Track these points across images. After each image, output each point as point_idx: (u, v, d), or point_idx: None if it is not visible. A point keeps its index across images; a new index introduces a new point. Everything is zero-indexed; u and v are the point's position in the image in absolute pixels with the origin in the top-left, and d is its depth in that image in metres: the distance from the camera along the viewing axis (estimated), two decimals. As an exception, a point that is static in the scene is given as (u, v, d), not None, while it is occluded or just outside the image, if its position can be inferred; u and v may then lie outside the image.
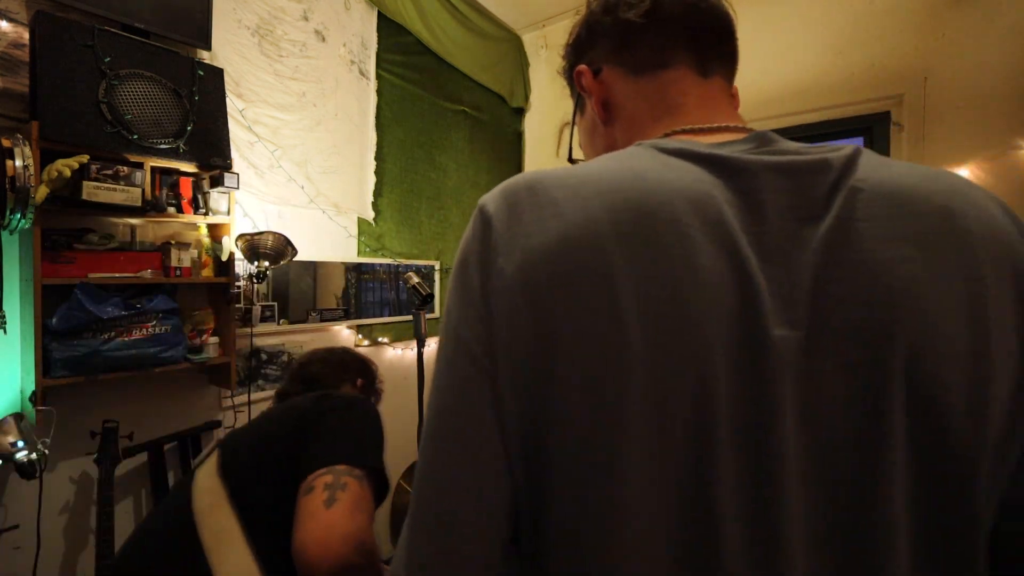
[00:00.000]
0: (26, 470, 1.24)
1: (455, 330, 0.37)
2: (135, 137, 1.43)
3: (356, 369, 1.28)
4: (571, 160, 0.55)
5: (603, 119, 0.50)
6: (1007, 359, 0.33)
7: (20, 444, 1.25)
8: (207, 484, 0.77)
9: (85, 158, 1.33)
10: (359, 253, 2.36)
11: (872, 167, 0.37)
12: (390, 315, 2.52)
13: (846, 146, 0.39)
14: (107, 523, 1.36)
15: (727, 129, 0.43)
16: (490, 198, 0.39)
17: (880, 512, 0.33)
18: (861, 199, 0.35)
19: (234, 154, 1.74)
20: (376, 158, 2.43)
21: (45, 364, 1.32)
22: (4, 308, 1.32)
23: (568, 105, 0.60)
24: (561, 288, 0.34)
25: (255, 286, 1.88)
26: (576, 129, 0.57)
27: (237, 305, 1.82)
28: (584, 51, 0.51)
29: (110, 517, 1.38)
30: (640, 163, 0.38)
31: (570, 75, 0.53)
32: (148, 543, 0.77)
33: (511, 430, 0.36)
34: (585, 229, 0.34)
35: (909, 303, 0.33)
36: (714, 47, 0.47)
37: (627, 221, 0.34)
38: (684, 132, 0.44)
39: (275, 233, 1.78)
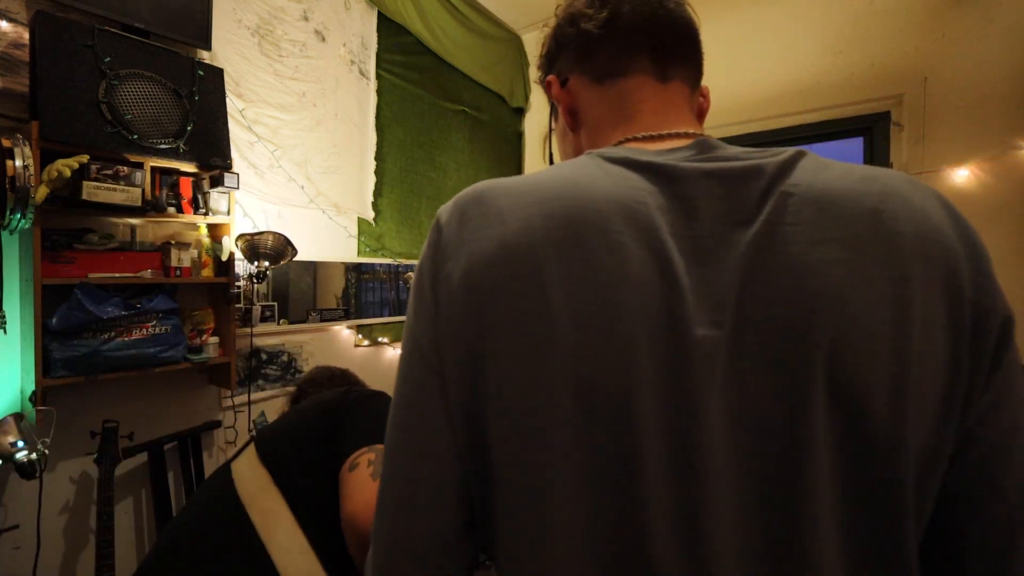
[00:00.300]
0: (26, 470, 1.24)
1: (411, 330, 0.41)
2: (135, 137, 1.43)
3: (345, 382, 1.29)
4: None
5: (571, 126, 0.53)
6: (935, 357, 0.34)
7: (20, 444, 1.25)
8: (250, 472, 0.80)
9: (85, 158, 1.33)
10: (359, 253, 2.36)
11: (809, 171, 0.38)
12: (390, 315, 2.52)
13: (786, 151, 0.40)
14: (107, 523, 1.37)
15: (676, 136, 0.45)
16: (444, 208, 0.42)
17: (808, 508, 0.33)
18: (791, 203, 0.36)
19: (234, 154, 1.74)
20: (376, 158, 2.43)
21: (45, 364, 1.32)
22: (4, 308, 1.32)
23: None
24: (499, 291, 0.36)
25: (255, 286, 1.88)
26: (554, 136, 0.60)
27: (237, 305, 1.82)
28: (553, 62, 0.53)
29: (110, 517, 1.38)
30: (582, 172, 0.40)
31: (543, 84, 0.56)
32: (194, 526, 0.78)
33: (458, 420, 0.39)
34: (522, 236, 0.37)
35: (831, 304, 0.34)
36: (673, 53, 0.48)
37: (560, 227, 0.36)
38: (635, 140, 0.46)
39: (275, 233, 1.78)
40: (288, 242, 1.80)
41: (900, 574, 0.34)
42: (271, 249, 1.77)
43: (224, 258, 1.68)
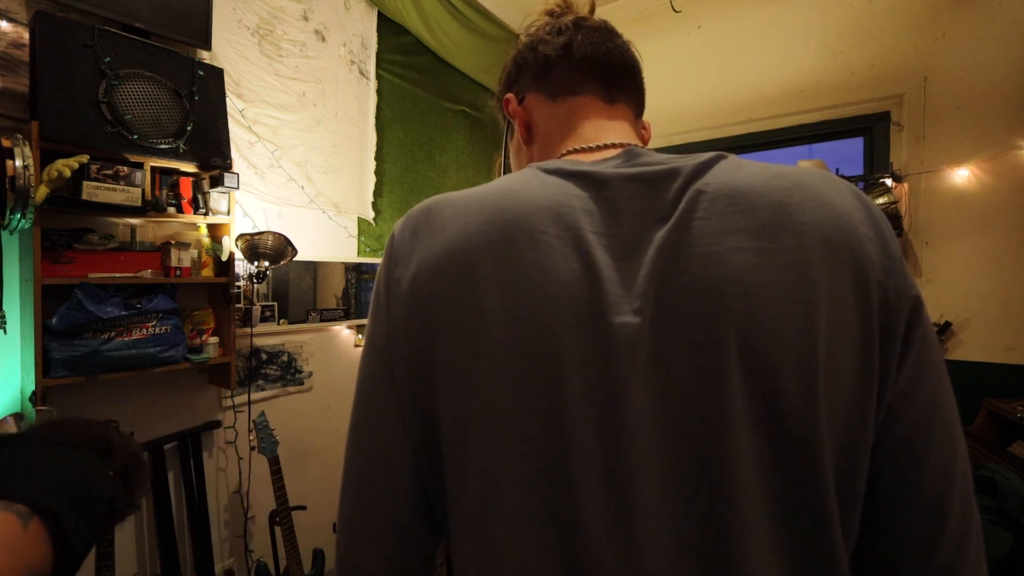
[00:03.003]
0: (26, 470, 1.24)
1: (368, 331, 0.46)
2: (135, 137, 1.43)
3: (99, 451, 0.98)
4: None
5: (525, 140, 0.57)
6: (844, 336, 0.36)
7: (20, 444, 1.25)
8: None
9: (85, 158, 1.33)
10: (359, 253, 2.37)
11: (725, 171, 0.41)
12: (390, 315, 2.51)
13: (705, 154, 0.43)
14: (107, 523, 1.36)
15: (610, 147, 0.49)
16: (398, 222, 0.47)
17: (733, 489, 0.35)
18: (703, 200, 0.39)
19: (234, 154, 1.74)
20: (376, 158, 2.43)
21: (45, 364, 1.32)
22: (4, 308, 1.32)
23: None
24: (439, 293, 0.41)
25: (255, 286, 1.88)
26: (507, 153, 0.66)
27: (237, 305, 1.82)
28: (513, 83, 0.58)
29: (110, 517, 1.37)
30: (519, 182, 0.44)
31: (500, 105, 0.61)
32: None
33: (410, 412, 0.43)
34: (461, 241, 0.41)
35: (739, 288, 0.36)
36: (619, 81, 0.53)
37: (493, 231, 0.40)
38: (575, 152, 0.50)
39: (275, 233, 1.78)
40: (288, 242, 1.80)
41: (828, 550, 0.36)
42: (271, 249, 1.77)
43: (224, 258, 1.68)
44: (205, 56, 1.73)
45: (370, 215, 2.40)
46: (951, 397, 0.39)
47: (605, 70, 0.52)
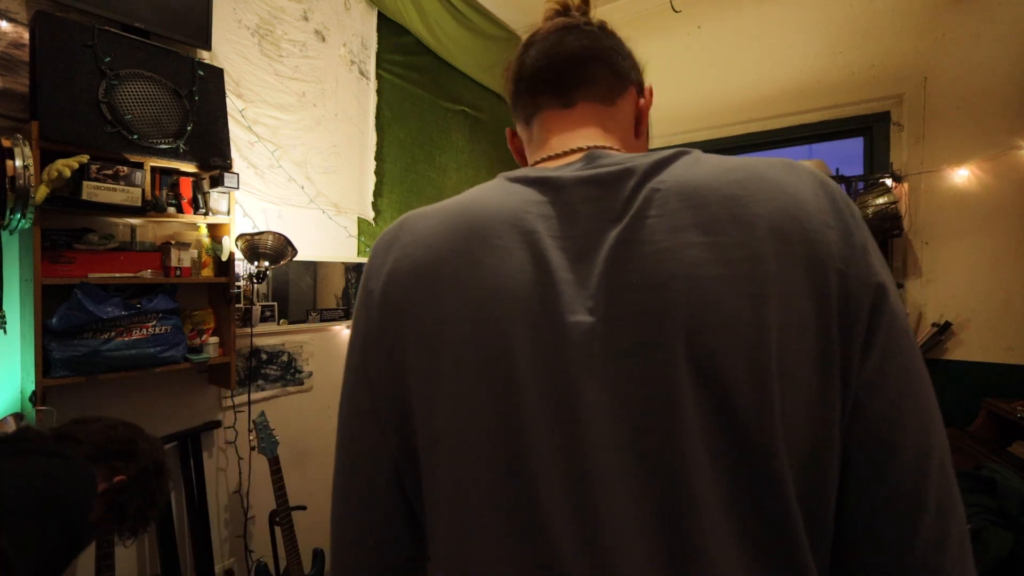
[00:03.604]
0: (26, 470, 1.24)
1: (349, 342, 0.49)
2: (135, 137, 1.43)
3: (120, 453, 0.97)
4: None
5: (521, 165, 0.60)
6: (799, 328, 0.36)
7: (20, 444, 1.25)
8: None
9: (85, 158, 1.33)
10: (359, 253, 2.37)
11: (681, 168, 0.41)
12: (390, 315, 2.51)
13: (663, 151, 0.43)
14: (107, 523, 1.36)
15: (574, 152, 0.49)
16: (377, 238, 0.50)
17: (691, 487, 0.35)
18: (657, 198, 0.40)
19: (234, 154, 1.74)
20: (376, 158, 2.43)
21: (45, 364, 1.32)
22: (4, 308, 1.32)
23: None
24: (406, 300, 0.43)
25: (255, 286, 1.88)
26: None
27: (237, 305, 1.82)
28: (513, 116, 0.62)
29: (110, 517, 1.37)
30: (484, 191, 0.46)
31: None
32: None
33: (387, 417, 0.45)
34: (425, 251, 0.44)
35: (687, 284, 0.36)
36: (574, 80, 0.52)
37: (454, 239, 0.43)
38: (541, 161, 0.52)
39: (275, 233, 1.78)
40: (288, 242, 1.80)
41: (790, 547, 0.35)
42: (271, 249, 1.77)
43: (224, 258, 1.68)
44: (205, 56, 1.73)
45: (370, 215, 2.40)
46: (926, 385, 0.38)
47: (557, 76, 0.52)
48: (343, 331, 2.30)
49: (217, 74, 1.67)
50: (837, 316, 0.36)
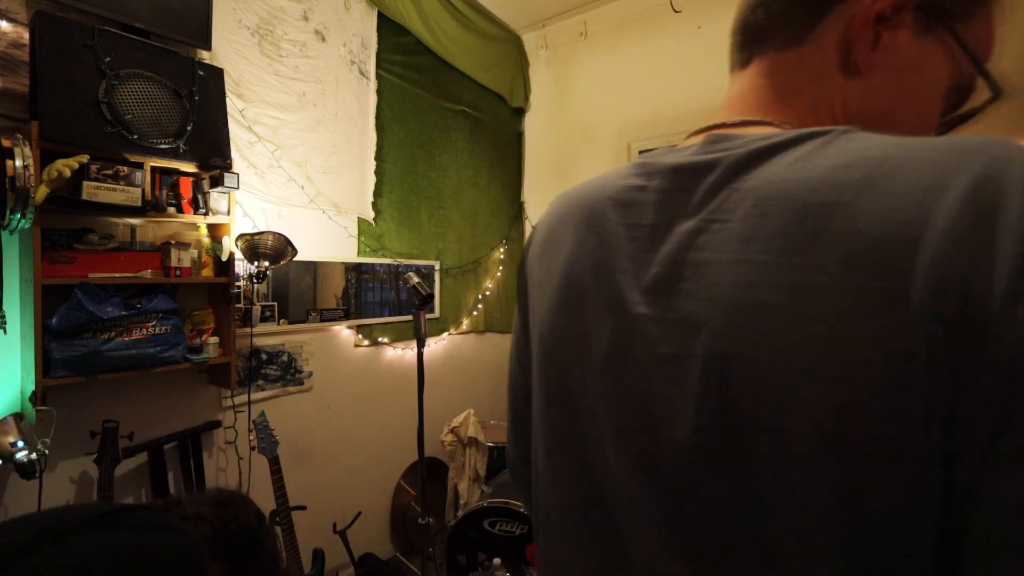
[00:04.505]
0: (26, 470, 1.24)
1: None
2: (135, 137, 1.43)
3: (244, 548, 0.76)
4: None
5: None
6: (864, 386, 0.26)
7: (20, 444, 1.25)
8: None
9: (85, 158, 1.33)
10: (359, 253, 2.37)
11: (788, 161, 0.32)
12: (390, 315, 2.52)
13: (775, 136, 0.34)
14: (107, 523, 1.36)
15: (701, 131, 0.43)
16: None
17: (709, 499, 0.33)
18: (732, 199, 0.34)
19: (234, 154, 1.74)
20: (376, 158, 2.43)
21: (45, 364, 1.33)
22: (4, 308, 1.32)
23: (567, 107, 0.71)
24: (524, 276, 0.53)
25: (255, 286, 1.88)
26: None
27: (237, 305, 1.82)
28: None
29: (110, 517, 1.37)
30: (605, 173, 0.47)
31: None
32: None
33: (525, 360, 0.53)
34: (535, 232, 0.52)
35: (731, 308, 0.32)
36: (752, 29, 0.41)
37: (551, 225, 0.49)
38: (690, 135, 0.44)
39: (275, 233, 1.78)
40: (288, 242, 1.80)
41: None
42: (271, 249, 1.77)
43: (224, 258, 1.68)
44: (205, 56, 1.73)
45: (370, 215, 2.40)
46: None
47: (741, 27, 0.42)
48: (343, 331, 2.30)
49: (217, 74, 1.67)
50: (942, 394, 0.24)
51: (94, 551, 0.50)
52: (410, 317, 2.52)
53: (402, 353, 2.57)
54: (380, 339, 2.47)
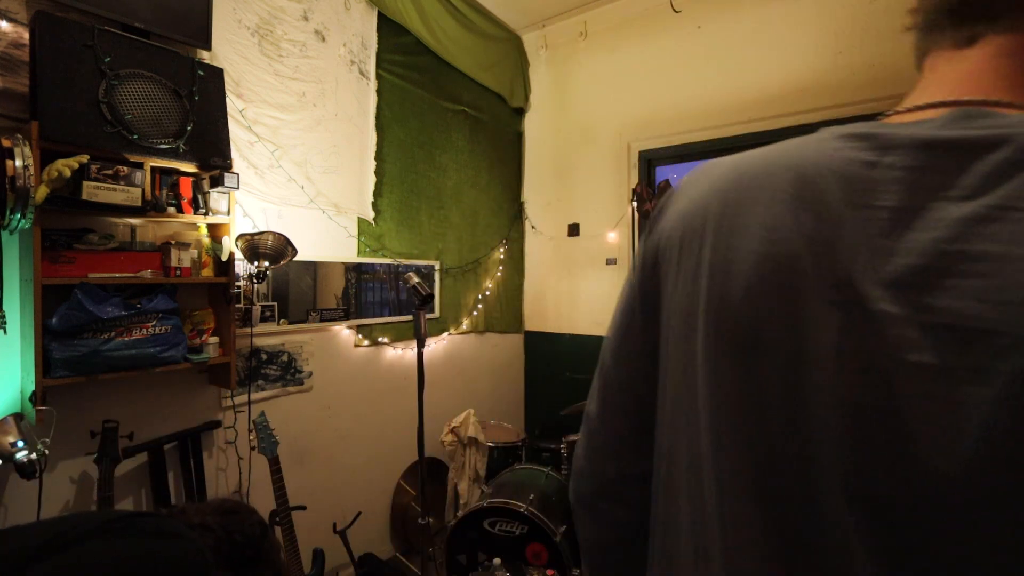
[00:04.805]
0: (26, 470, 1.24)
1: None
2: (135, 137, 1.43)
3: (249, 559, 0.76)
4: None
5: None
6: None
7: (20, 444, 1.25)
8: None
9: (85, 158, 1.33)
10: (359, 253, 2.37)
11: None
12: (390, 315, 2.52)
13: None
14: (107, 523, 1.36)
15: (938, 105, 0.38)
16: None
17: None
18: None
19: (234, 154, 1.74)
20: (376, 158, 2.43)
21: (45, 364, 1.33)
22: (4, 308, 1.32)
23: (567, 107, 0.63)
24: (670, 246, 0.44)
25: (255, 286, 1.88)
26: None
27: (237, 305, 1.82)
28: None
29: (110, 517, 1.37)
30: (799, 141, 0.41)
31: None
32: None
33: (647, 351, 0.47)
34: (681, 200, 0.44)
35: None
36: (962, 9, 0.38)
37: (724, 193, 0.40)
38: (892, 115, 0.42)
39: (275, 233, 1.78)
40: (288, 242, 1.80)
41: None
42: (271, 249, 1.77)
43: (224, 258, 1.68)
44: (205, 56, 1.73)
45: (370, 215, 2.40)
46: None
47: (959, 4, 0.38)
48: (343, 331, 2.30)
49: (217, 74, 1.67)
50: None
51: (102, 559, 0.50)
52: (410, 317, 2.52)
53: (402, 353, 2.57)
54: (380, 339, 2.47)
